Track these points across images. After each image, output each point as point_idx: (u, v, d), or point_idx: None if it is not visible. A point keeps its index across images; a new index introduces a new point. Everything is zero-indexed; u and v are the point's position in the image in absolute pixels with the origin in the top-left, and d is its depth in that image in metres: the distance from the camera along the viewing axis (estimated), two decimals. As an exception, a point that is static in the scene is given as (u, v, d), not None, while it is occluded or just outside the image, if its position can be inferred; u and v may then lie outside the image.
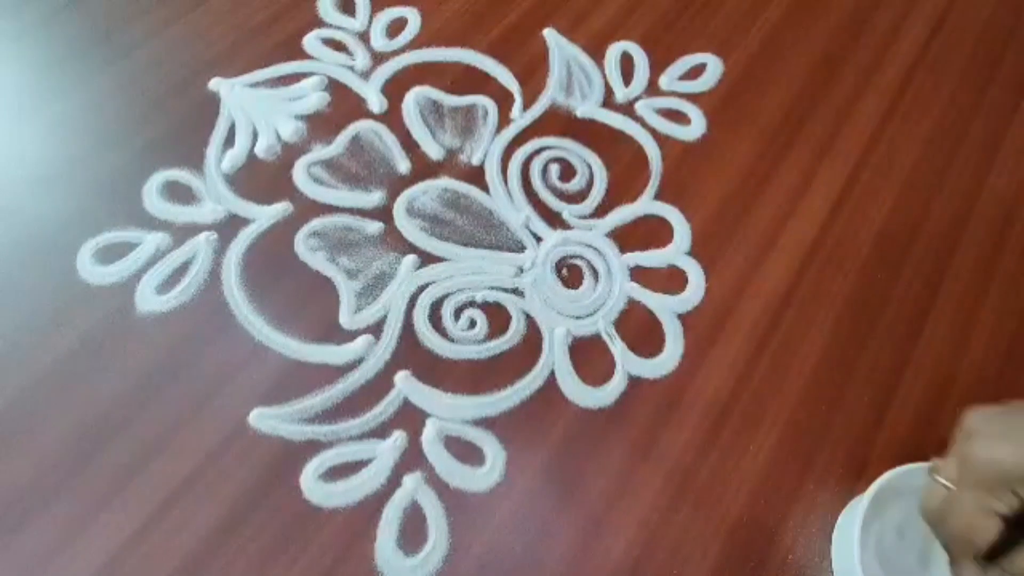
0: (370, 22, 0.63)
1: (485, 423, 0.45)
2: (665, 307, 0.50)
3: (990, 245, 0.54)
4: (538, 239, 0.52)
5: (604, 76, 0.61)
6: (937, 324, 0.50)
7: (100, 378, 0.46)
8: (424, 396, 0.46)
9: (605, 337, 0.49)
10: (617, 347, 0.48)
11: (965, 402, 0.47)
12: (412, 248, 0.51)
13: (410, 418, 0.45)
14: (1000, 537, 0.34)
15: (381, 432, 0.45)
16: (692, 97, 0.60)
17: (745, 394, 0.47)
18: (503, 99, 0.59)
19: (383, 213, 0.53)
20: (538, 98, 0.59)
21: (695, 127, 0.58)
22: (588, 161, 0.56)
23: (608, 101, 0.60)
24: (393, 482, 0.43)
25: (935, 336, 0.50)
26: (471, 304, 0.49)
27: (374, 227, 0.52)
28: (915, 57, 0.63)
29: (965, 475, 0.35)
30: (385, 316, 0.49)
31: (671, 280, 0.51)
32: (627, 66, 0.62)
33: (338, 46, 0.61)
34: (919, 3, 0.67)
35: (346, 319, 0.48)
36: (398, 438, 0.44)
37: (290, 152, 0.55)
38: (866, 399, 0.47)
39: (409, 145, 0.56)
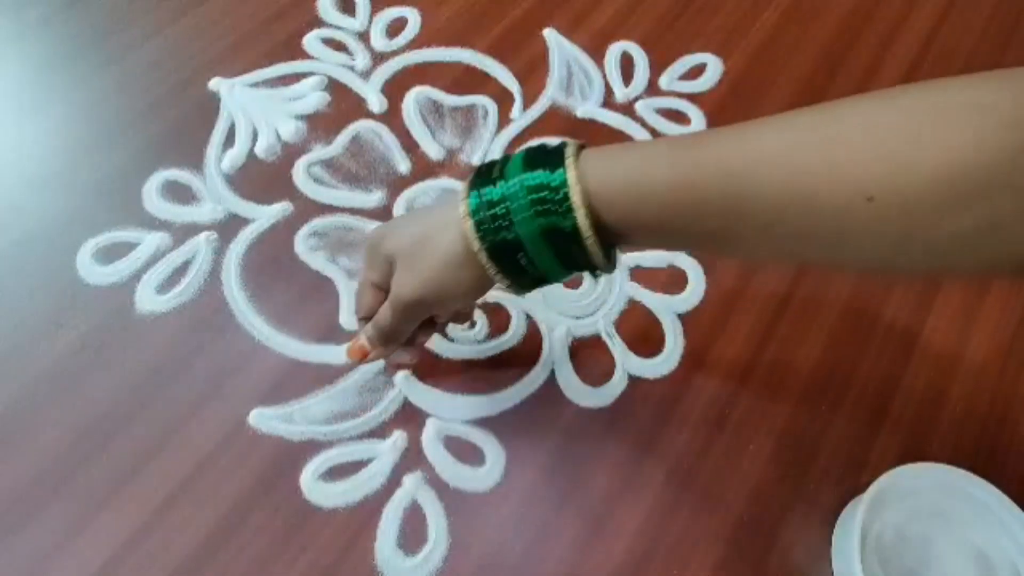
0: (370, 22, 0.63)
1: (485, 423, 0.45)
2: (665, 307, 0.50)
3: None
4: (538, 239, 0.52)
5: (604, 76, 0.61)
6: (937, 324, 0.50)
7: (100, 378, 0.46)
8: (424, 396, 0.46)
9: (605, 337, 0.49)
10: (617, 347, 0.48)
11: (965, 402, 0.48)
12: (412, 248, 0.51)
13: (410, 418, 0.45)
14: (378, 302, 0.40)
15: (381, 432, 0.45)
16: (692, 97, 0.60)
17: (745, 394, 0.47)
18: (503, 99, 0.59)
19: (383, 213, 0.53)
20: (538, 98, 0.59)
21: (695, 127, 0.58)
22: (588, 161, 0.56)
23: (608, 101, 0.60)
24: (393, 482, 0.43)
25: (935, 336, 0.50)
26: (471, 304, 0.49)
27: (374, 227, 0.52)
28: (915, 57, 0.63)
29: (364, 256, 0.41)
30: (385, 316, 0.49)
31: (671, 280, 0.51)
32: (627, 66, 0.62)
33: (338, 46, 0.61)
34: (919, 3, 0.67)
35: (346, 319, 0.48)
36: (398, 438, 0.44)
37: (290, 152, 0.55)
38: (866, 399, 0.47)
39: (409, 145, 0.56)
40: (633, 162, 0.32)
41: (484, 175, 0.35)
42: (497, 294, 0.50)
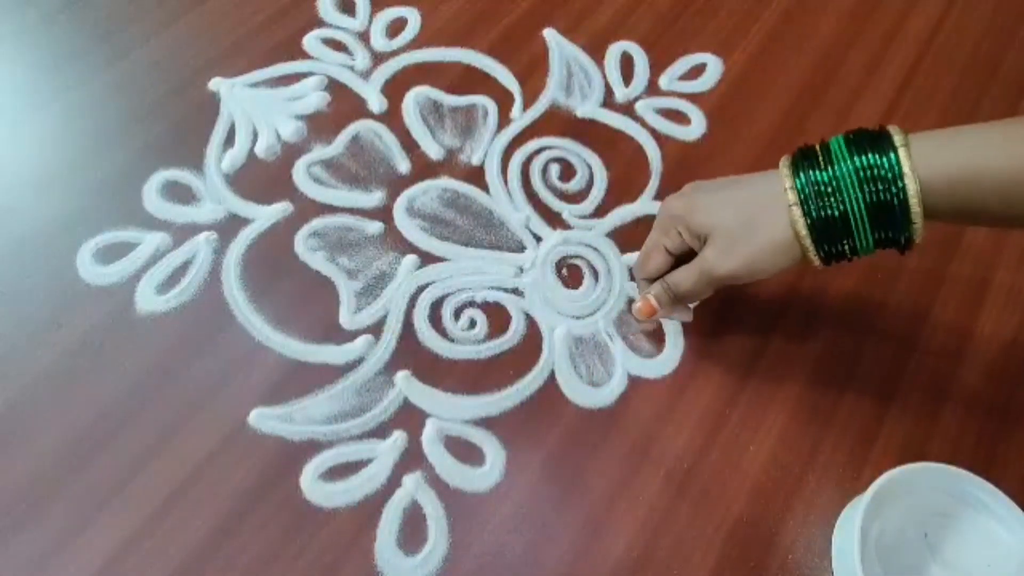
0: (370, 22, 0.63)
1: (485, 423, 0.45)
2: (665, 307, 0.50)
3: (991, 244, 0.54)
4: (538, 239, 0.52)
5: (604, 76, 0.61)
6: (937, 323, 0.50)
7: (100, 378, 0.46)
8: (424, 396, 0.46)
9: (605, 337, 0.49)
10: (617, 347, 0.48)
11: (966, 401, 0.48)
12: (412, 248, 0.51)
13: (410, 418, 0.45)
14: (666, 266, 0.44)
15: (381, 432, 0.45)
16: (692, 97, 0.60)
17: (745, 394, 0.47)
18: (503, 99, 0.59)
19: (383, 213, 0.53)
20: (538, 98, 0.59)
21: (695, 127, 0.58)
22: (588, 161, 0.56)
23: (608, 101, 0.60)
24: (393, 482, 0.43)
25: (935, 336, 0.50)
26: (471, 304, 0.49)
27: (374, 227, 0.52)
28: (915, 57, 0.63)
29: (655, 222, 0.45)
30: (385, 316, 0.49)
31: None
32: (627, 66, 0.62)
33: (338, 46, 0.61)
34: (919, 3, 0.67)
35: (346, 319, 0.48)
36: (398, 438, 0.44)
37: (290, 152, 0.55)
38: (866, 398, 0.47)
39: (409, 145, 0.56)
40: (968, 150, 0.36)
41: (807, 159, 0.39)
42: (495, 294, 0.50)
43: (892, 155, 0.36)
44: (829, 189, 0.37)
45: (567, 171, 0.56)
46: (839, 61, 0.63)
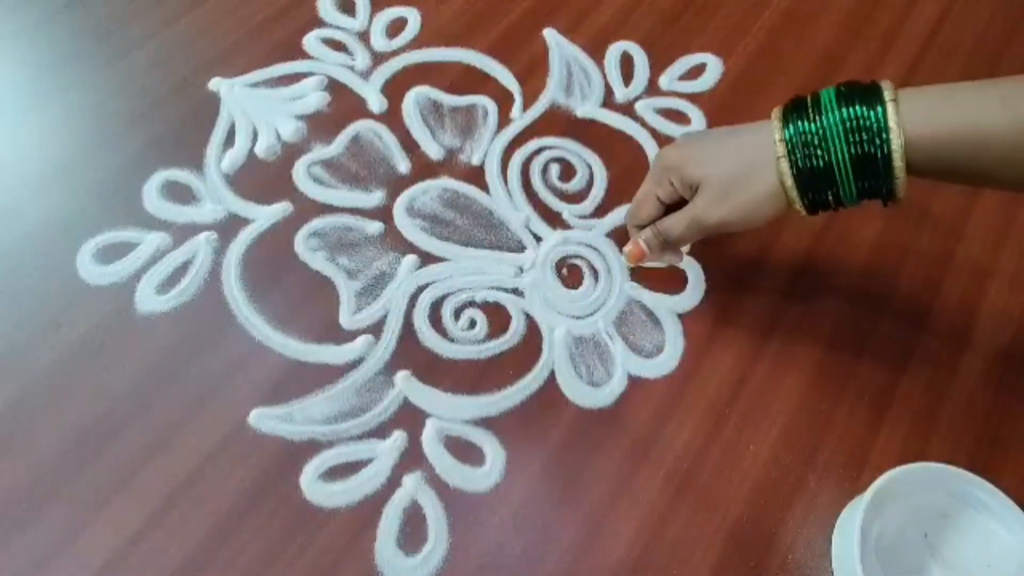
0: (370, 22, 0.63)
1: (485, 423, 0.45)
2: (665, 307, 0.50)
3: (991, 243, 0.54)
4: (538, 239, 0.52)
5: (604, 76, 0.61)
6: (938, 323, 0.50)
7: (100, 378, 0.46)
8: (424, 396, 0.46)
9: (605, 337, 0.49)
10: (617, 347, 0.48)
11: (966, 402, 0.48)
12: (412, 248, 0.51)
13: (410, 418, 0.45)
14: (657, 214, 0.46)
15: (381, 432, 0.45)
16: (692, 97, 0.60)
17: (745, 394, 0.47)
18: (503, 99, 0.59)
19: (383, 213, 0.53)
20: (538, 98, 0.59)
21: (695, 127, 0.58)
22: (588, 161, 0.56)
23: (608, 101, 0.60)
24: (393, 482, 0.43)
25: (934, 336, 0.50)
26: (471, 304, 0.49)
27: (374, 227, 0.52)
28: (915, 57, 0.63)
29: (649, 172, 0.46)
30: (385, 316, 0.49)
31: (671, 280, 0.51)
32: (627, 66, 0.62)
33: (338, 46, 0.61)
34: (919, 3, 0.67)
35: (346, 319, 0.48)
36: (398, 438, 0.44)
37: (290, 152, 0.55)
38: (866, 399, 0.47)
39: (409, 145, 0.56)
40: (963, 109, 0.36)
41: (797, 110, 0.40)
42: (495, 294, 0.50)
43: (879, 108, 0.37)
44: (816, 140, 0.38)
45: (567, 171, 0.56)
46: (839, 61, 0.63)
